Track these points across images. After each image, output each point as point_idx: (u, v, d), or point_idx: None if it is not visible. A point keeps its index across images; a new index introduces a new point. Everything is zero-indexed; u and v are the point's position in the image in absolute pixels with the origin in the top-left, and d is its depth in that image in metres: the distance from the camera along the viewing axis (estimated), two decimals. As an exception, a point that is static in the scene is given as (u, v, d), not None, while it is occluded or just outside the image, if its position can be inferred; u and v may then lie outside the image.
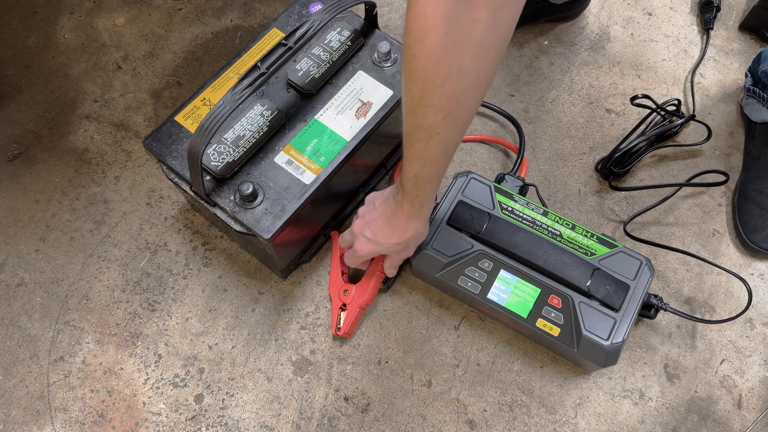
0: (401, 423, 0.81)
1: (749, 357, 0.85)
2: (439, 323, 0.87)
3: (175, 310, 0.88)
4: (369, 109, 0.80)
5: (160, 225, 0.93)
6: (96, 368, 0.84)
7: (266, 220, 0.73)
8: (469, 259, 0.81)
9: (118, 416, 0.81)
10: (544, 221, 0.82)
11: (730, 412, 0.82)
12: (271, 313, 0.88)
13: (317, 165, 0.77)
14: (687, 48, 1.09)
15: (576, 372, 0.84)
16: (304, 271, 0.90)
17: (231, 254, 0.91)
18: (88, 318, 0.87)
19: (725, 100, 1.04)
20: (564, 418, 0.82)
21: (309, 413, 0.82)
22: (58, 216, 0.94)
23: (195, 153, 0.68)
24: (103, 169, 0.98)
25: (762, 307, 0.89)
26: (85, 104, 1.03)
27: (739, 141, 1.00)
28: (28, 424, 0.81)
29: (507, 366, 0.85)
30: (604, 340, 0.75)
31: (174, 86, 1.04)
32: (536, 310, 0.78)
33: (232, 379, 0.84)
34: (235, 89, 0.68)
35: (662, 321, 0.87)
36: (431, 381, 0.84)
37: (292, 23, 0.86)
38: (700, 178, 0.95)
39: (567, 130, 1.01)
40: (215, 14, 1.11)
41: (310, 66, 0.81)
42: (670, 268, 0.91)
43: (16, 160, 0.98)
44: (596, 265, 0.79)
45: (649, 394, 0.83)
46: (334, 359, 0.85)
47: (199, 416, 0.82)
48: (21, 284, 0.90)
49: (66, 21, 1.11)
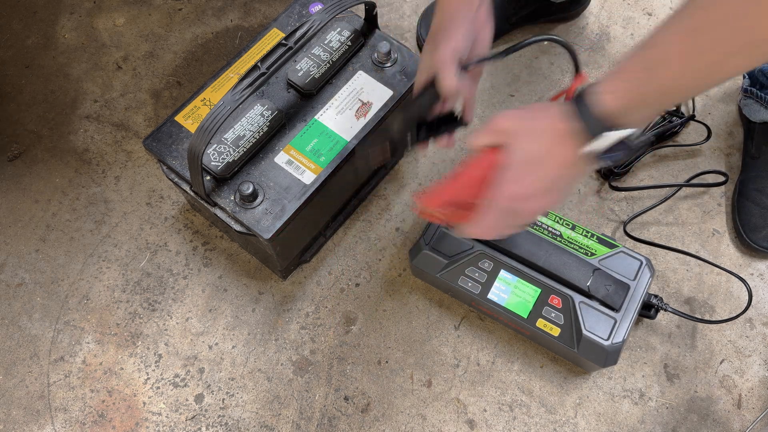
0: (401, 423, 0.81)
1: (749, 357, 0.85)
2: (439, 323, 0.87)
3: (175, 310, 0.88)
4: (369, 109, 0.80)
5: (160, 225, 0.93)
6: (96, 368, 0.84)
7: (266, 220, 0.73)
8: (470, 260, 0.81)
9: (119, 416, 0.81)
10: (545, 221, 0.82)
11: (730, 412, 0.82)
12: (271, 313, 0.88)
13: (317, 165, 0.77)
14: (687, 48, 1.09)
15: (576, 372, 0.84)
16: (304, 271, 0.90)
17: (231, 254, 0.91)
18: (88, 318, 0.87)
19: (725, 100, 1.04)
20: (564, 418, 0.82)
21: (309, 413, 0.82)
22: (58, 216, 0.94)
23: (195, 153, 0.68)
24: (103, 169, 0.98)
25: (762, 307, 0.89)
26: (85, 104, 1.03)
27: (738, 141, 1.00)
28: (28, 423, 0.81)
29: (507, 366, 0.85)
30: (605, 340, 0.75)
31: (174, 86, 1.04)
32: (536, 310, 0.78)
33: (232, 379, 0.84)
34: (235, 89, 0.68)
35: (662, 321, 0.87)
36: (431, 381, 0.84)
37: (292, 23, 0.86)
38: (700, 178, 0.95)
39: (567, 130, 1.01)
40: (215, 14, 1.12)
41: (310, 66, 0.81)
42: (670, 268, 0.91)
43: (16, 160, 0.98)
44: (596, 266, 0.79)
45: (649, 394, 0.83)
46: (334, 359, 0.85)
47: (199, 416, 0.82)
48: (21, 284, 0.90)
49: (66, 21, 1.11)
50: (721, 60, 0.47)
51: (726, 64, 0.47)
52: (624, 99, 0.51)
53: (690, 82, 0.49)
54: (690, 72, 0.48)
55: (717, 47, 0.46)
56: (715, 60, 0.47)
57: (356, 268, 0.91)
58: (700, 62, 0.47)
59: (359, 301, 0.88)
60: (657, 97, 0.51)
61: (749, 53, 0.46)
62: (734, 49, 0.46)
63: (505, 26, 1.06)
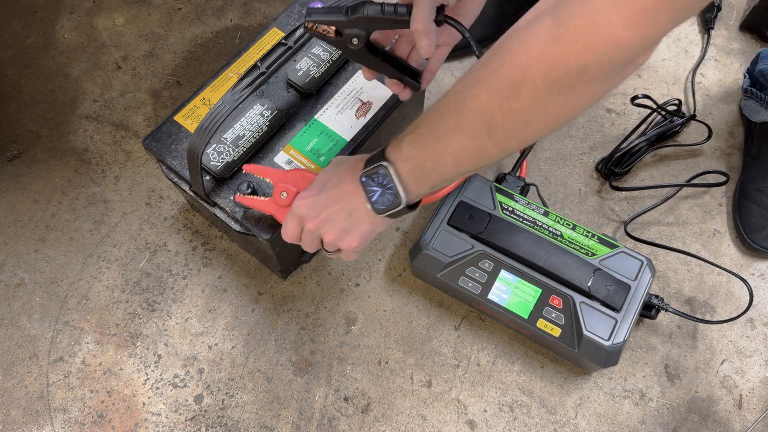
0: (401, 423, 0.81)
1: (750, 357, 0.85)
2: (440, 323, 0.87)
3: (175, 311, 0.88)
4: (369, 108, 0.80)
5: (159, 225, 0.93)
6: (95, 368, 0.84)
7: (266, 220, 0.73)
8: (470, 260, 0.80)
9: (118, 416, 0.81)
10: (545, 221, 0.82)
11: (731, 413, 0.82)
12: (271, 313, 0.87)
13: (317, 165, 0.77)
14: (687, 47, 1.09)
15: (576, 372, 0.84)
16: (304, 271, 0.90)
17: (231, 254, 0.91)
18: (87, 318, 0.87)
19: (726, 100, 1.04)
20: (564, 419, 0.82)
21: (309, 414, 0.82)
22: (57, 216, 0.94)
23: (195, 153, 0.67)
24: (102, 169, 0.97)
25: (763, 307, 0.88)
26: (85, 104, 1.03)
27: (739, 141, 1.00)
28: (27, 424, 0.81)
29: (507, 366, 0.84)
30: (605, 340, 0.75)
31: (174, 86, 1.04)
32: (537, 310, 0.78)
33: (232, 380, 0.83)
34: (235, 89, 0.67)
35: (663, 321, 0.87)
36: (431, 381, 0.84)
37: (292, 23, 0.86)
38: (701, 178, 0.95)
39: (567, 130, 1.01)
40: (215, 14, 1.11)
41: (310, 66, 0.81)
42: (671, 268, 0.91)
43: (15, 160, 0.98)
44: (597, 266, 0.79)
45: (650, 395, 0.83)
46: (334, 359, 0.85)
47: (198, 417, 0.81)
48: (20, 284, 0.89)
49: (66, 21, 1.11)
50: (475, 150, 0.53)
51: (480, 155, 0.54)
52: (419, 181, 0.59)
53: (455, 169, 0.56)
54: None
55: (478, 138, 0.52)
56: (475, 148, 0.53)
57: (356, 268, 0.90)
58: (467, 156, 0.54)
59: (359, 301, 0.88)
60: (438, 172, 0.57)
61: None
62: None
63: (504, 24, 1.05)
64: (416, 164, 0.57)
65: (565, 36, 0.43)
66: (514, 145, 0.52)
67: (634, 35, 0.41)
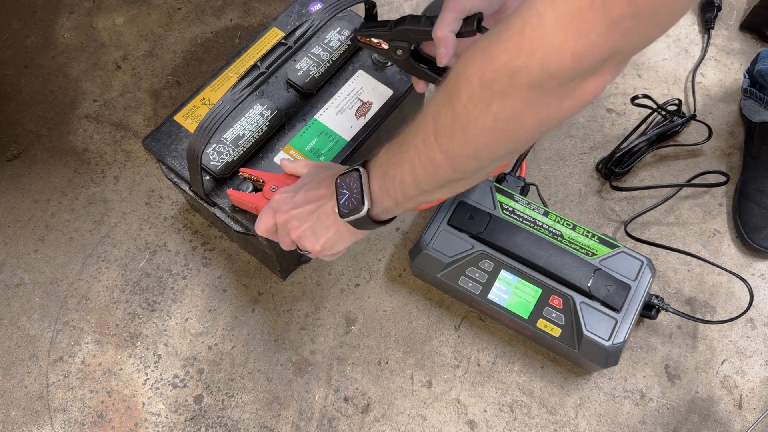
0: (401, 424, 0.81)
1: (750, 357, 0.85)
2: (440, 323, 0.87)
3: (175, 311, 0.87)
4: (369, 108, 0.80)
5: (159, 225, 0.93)
6: (95, 368, 0.84)
7: (266, 220, 0.73)
8: (470, 260, 0.80)
9: (118, 417, 0.81)
10: (545, 221, 0.82)
11: (731, 413, 0.82)
12: (271, 313, 0.87)
13: (317, 165, 0.76)
14: (688, 47, 1.09)
15: (576, 372, 0.84)
16: (304, 271, 0.90)
17: (231, 254, 0.91)
18: (87, 318, 0.87)
19: (726, 100, 1.04)
20: (564, 419, 0.81)
21: (309, 414, 0.82)
22: (57, 216, 0.94)
23: (194, 153, 0.67)
24: (102, 169, 0.97)
25: (763, 307, 0.88)
26: (85, 104, 1.03)
27: (739, 141, 1.00)
28: (27, 424, 0.81)
29: (507, 366, 0.84)
30: (605, 340, 0.75)
31: (173, 86, 1.04)
32: (537, 310, 0.78)
33: (232, 380, 0.83)
34: (235, 89, 0.67)
35: (663, 321, 0.87)
36: (431, 381, 0.84)
37: (291, 23, 0.86)
38: (701, 178, 0.95)
39: (567, 130, 1.01)
40: (215, 14, 1.11)
41: (310, 65, 0.81)
42: (671, 268, 0.90)
43: (15, 160, 0.98)
44: (597, 266, 0.79)
45: (650, 395, 0.83)
46: (334, 359, 0.85)
47: (198, 417, 0.81)
48: (20, 284, 0.89)
49: (65, 21, 1.11)
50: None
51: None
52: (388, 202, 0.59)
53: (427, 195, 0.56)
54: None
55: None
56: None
57: (356, 268, 0.90)
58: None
59: (359, 301, 0.88)
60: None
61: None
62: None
63: None
64: (383, 172, 0.57)
65: (502, 35, 0.42)
66: (456, 150, 0.49)
67: (568, 40, 0.38)
